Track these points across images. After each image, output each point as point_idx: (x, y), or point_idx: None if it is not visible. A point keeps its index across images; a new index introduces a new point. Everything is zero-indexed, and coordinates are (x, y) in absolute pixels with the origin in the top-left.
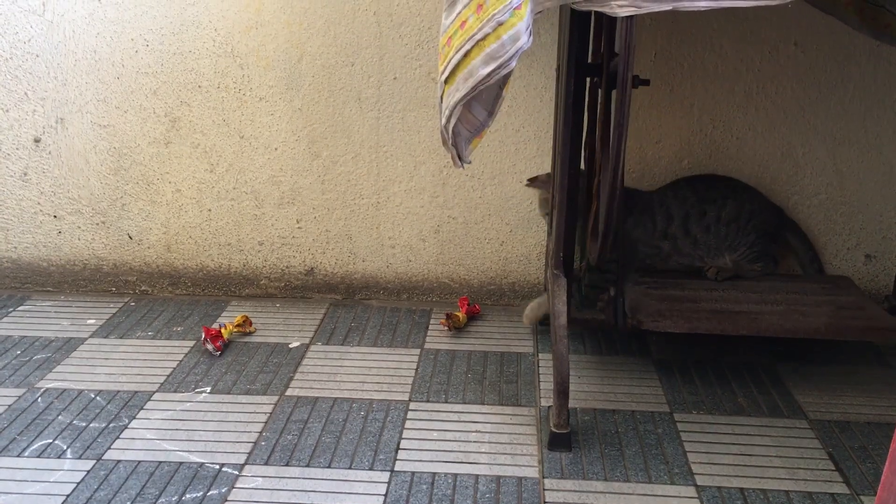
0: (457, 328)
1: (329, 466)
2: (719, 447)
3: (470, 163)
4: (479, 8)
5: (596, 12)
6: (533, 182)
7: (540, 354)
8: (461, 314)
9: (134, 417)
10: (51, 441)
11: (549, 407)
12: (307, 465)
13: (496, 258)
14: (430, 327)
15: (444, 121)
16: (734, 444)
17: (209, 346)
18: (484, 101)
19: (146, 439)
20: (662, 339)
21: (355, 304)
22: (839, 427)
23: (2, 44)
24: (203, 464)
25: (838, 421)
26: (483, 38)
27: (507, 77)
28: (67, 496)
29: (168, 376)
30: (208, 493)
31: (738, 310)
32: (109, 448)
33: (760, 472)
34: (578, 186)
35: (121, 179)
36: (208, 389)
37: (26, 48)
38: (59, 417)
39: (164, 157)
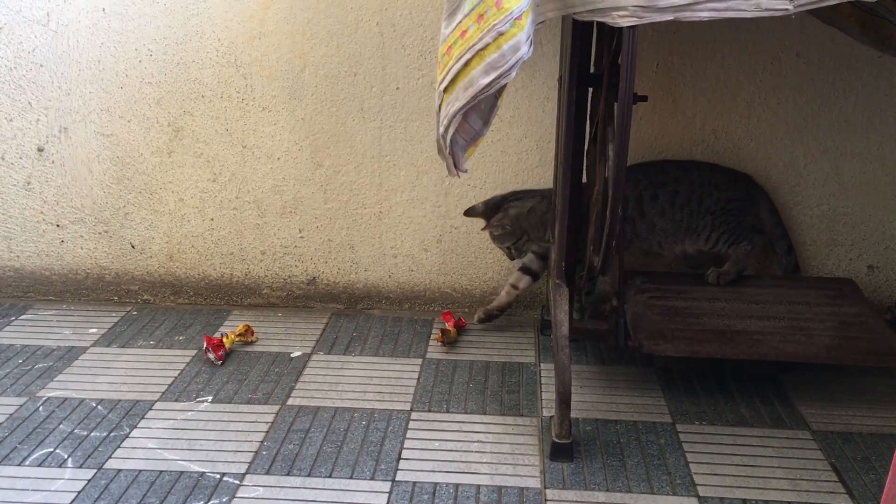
0: (450, 343)
1: (330, 476)
2: (722, 458)
3: (466, 171)
4: (479, 18)
5: (598, 23)
6: (469, 213)
7: (542, 364)
8: (451, 329)
9: (135, 427)
10: (52, 450)
11: (550, 417)
12: (308, 475)
13: (498, 268)
14: (432, 337)
15: (441, 129)
16: (737, 454)
17: (211, 356)
18: (481, 110)
19: (147, 448)
20: None
21: (357, 313)
22: (842, 438)
23: (6, 53)
24: (204, 473)
25: (841, 432)
26: (483, 48)
27: (504, 87)
28: None
29: (169, 385)
30: (209, 503)
31: (739, 328)
32: (110, 457)
33: (763, 482)
34: (580, 196)
35: (124, 189)
36: (210, 399)
37: (30, 58)
38: (61, 426)
39: (167, 167)
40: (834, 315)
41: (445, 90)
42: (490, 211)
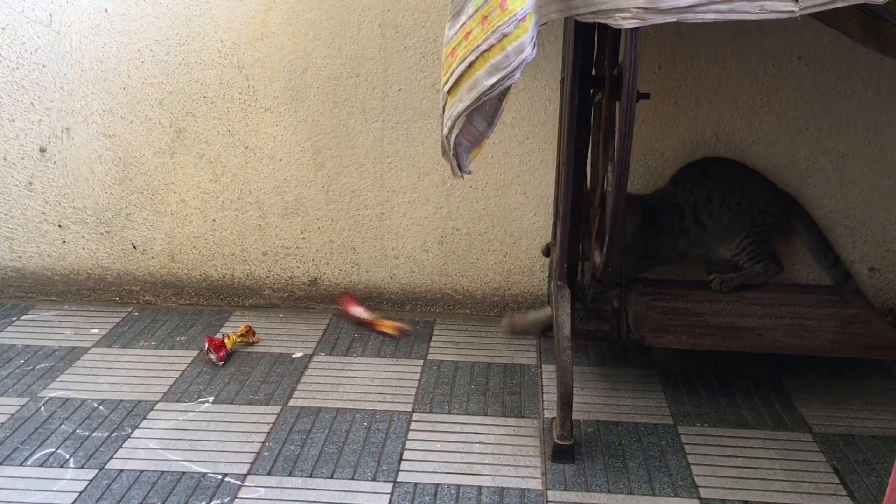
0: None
1: (332, 477)
2: (723, 460)
3: (470, 173)
4: (483, 19)
5: (600, 24)
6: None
7: (543, 366)
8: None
9: (137, 427)
10: (53, 450)
11: (552, 418)
12: (310, 476)
13: (500, 269)
14: (434, 338)
15: (445, 131)
16: (738, 456)
17: (212, 356)
18: (485, 112)
19: (149, 449)
20: (667, 350)
21: None
22: (844, 440)
23: (9, 54)
24: (206, 474)
25: (843, 434)
26: (487, 50)
27: (508, 88)
28: None
29: (171, 386)
30: (211, 503)
31: (741, 325)
32: (112, 457)
33: (764, 485)
34: (582, 197)
35: (125, 189)
36: (211, 399)
37: (33, 58)
38: (62, 427)
39: (169, 168)
40: (835, 315)
41: (449, 92)
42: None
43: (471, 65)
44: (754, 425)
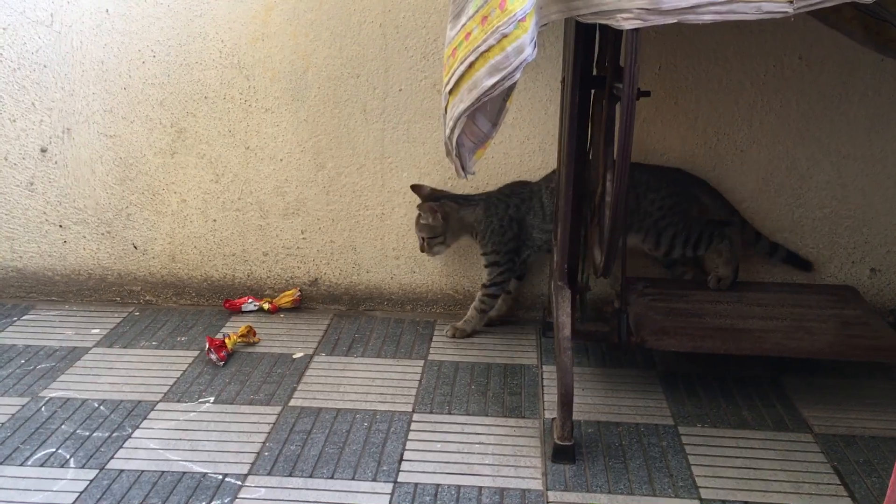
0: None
1: (332, 477)
2: (724, 461)
3: (474, 174)
4: (483, 20)
5: (601, 25)
6: (415, 188)
7: (544, 366)
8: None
9: (137, 427)
10: (54, 450)
11: (552, 419)
12: (310, 476)
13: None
14: (434, 338)
15: (447, 132)
16: (739, 457)
17: (213, 357)
18: (488, 112)
19: (149, 449)
20: (667, 351)
21: (359, 314)
22: (844, 441)
23: (10, 54)
24: (206, 474)
25: (843, 435)
26: (487, 50)
27: (511, 89)
28: None
29: (171, 386)
30: (211, 503)
31: (742, 326)
32: (112, 458)
33: (765, 485)
34: (583, 198)
35: (126, 189)
36: (212, 399)
37: (34, 59)
38: (63, 427)
39: (170, 168)
40: (836, 317)
41: (451, 92)
42: (430, 199)
43: (471, 65)
44: (755, 426)
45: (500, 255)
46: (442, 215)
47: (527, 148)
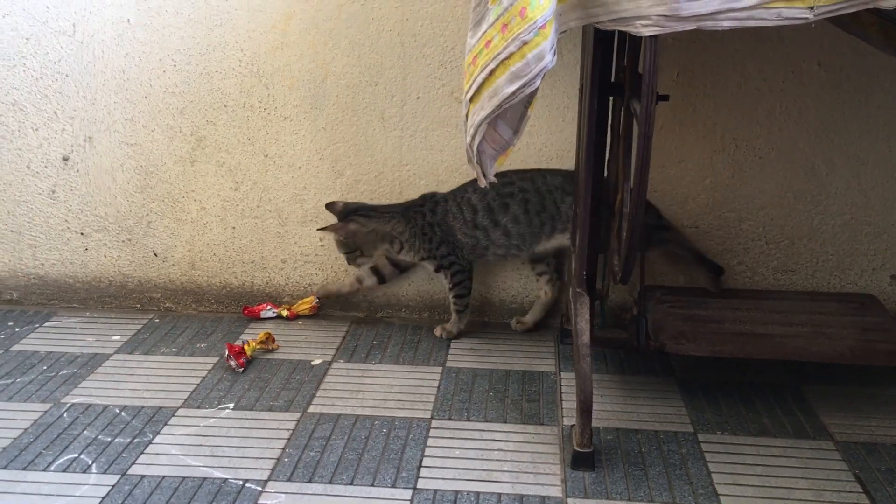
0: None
1: (352, 483)
2: (744, 468)
3: (495, 181)
4: (504, 27)
5: (619, 32)
6: (329, 207)
7: (562, 373)
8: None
9: (158, 433)
10: (76, 456)
11: (571, 426)
12: (330, 482)
13: (517, 276)
14: (452, 345)
15: (468, 139)
16: (759, 465)
17: (232, 363)
18: (509, 119)
19: (170, 455)
20: (686, 358)
21: (377, 321)
22: (866, 449)
23: (33, 64)
24: (226, 479)
25: (865, 443)
26: (508, 57)
27: (532, 96)
28: None
29: (192, 392)
30: None
31: (762, 332)
32: (134, 463)
33: (786, 493)
34: (602, 205)
35: (147, 197)
36: (231, 406)
37: (56, 68)
38: (85, 432)
39: (190, 176)
40: (856, 323)
41: (471, 100)
42: (343, 215)
43: (491, 73)
44: (775, 433)
45: (438, 260)
46: (346, 234)
47: (544, 155)
